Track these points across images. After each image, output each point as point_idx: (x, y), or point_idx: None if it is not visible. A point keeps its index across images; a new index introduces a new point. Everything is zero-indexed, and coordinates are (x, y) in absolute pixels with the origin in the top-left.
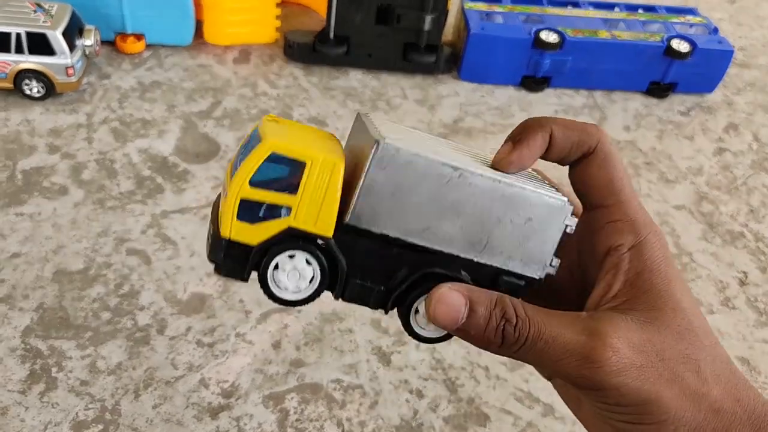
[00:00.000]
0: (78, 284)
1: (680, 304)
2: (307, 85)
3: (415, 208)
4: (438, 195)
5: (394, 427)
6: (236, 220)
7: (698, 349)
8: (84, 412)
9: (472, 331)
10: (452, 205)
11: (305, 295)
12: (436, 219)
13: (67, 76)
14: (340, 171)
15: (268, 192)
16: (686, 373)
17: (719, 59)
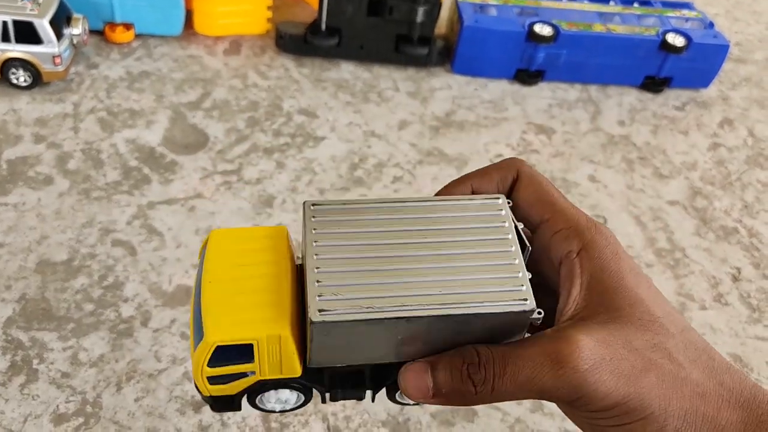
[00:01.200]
0: (61, 275)
1: (637, 297)
2: (299, 77)
3: (370, 347)
4: (390, 335)
5: (381, 422)
6: (210, 386)
7: (666, 338)
8: (65, 405)
9: (444, 389)
10: (408, 337)
11: (294, 406)
12: (397, 347)
13: (54, 65)
14: (288, 339)
15: (228, 366)
16: (660, 360)
17: (715, 54)
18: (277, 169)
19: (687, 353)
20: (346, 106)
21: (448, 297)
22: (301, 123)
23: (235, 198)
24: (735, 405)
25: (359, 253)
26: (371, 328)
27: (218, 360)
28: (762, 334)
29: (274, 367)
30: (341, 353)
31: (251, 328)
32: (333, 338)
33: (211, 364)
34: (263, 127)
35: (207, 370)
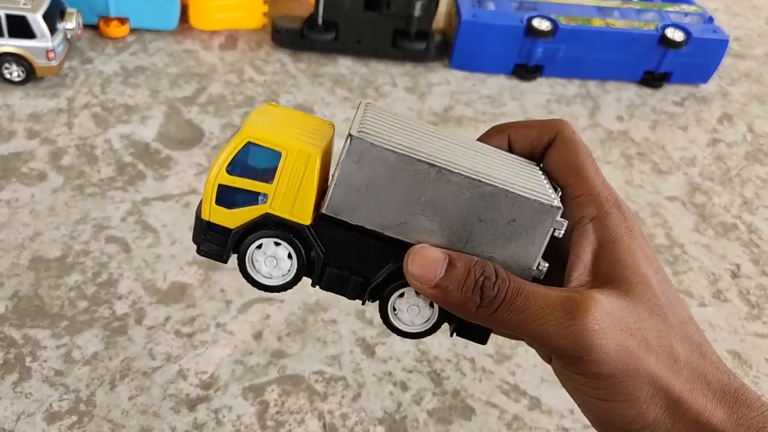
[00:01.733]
0: (55, 272)
1: (647, 279)
2: (295, 72)
3: (391, 203)
4: (414, 191)
5: (377, 420)
6: (215, 205)
7: (668, 327)
8: (58, 403)
9: (450, 286)
10: (430, 201)
11: (283, 281)
12: (414, 214)
13: (47, 59)
14: (315, 162)
15: (245, 180)
16: (660, 348)
17: (714, 49)
18: None
19: (683, 347)
20: (344, 102)
21: (481, 173)
22: None
23: None
24: (720, 404)
25: (403, 129)
26: (400, 172)
27: (240, 168)
28: (761, 330)
29: (287, 201)
30: (360, 204)
31: (287, 138)
32: (360, 171)
33: (231, 169)
34: None
35: (224, 176)
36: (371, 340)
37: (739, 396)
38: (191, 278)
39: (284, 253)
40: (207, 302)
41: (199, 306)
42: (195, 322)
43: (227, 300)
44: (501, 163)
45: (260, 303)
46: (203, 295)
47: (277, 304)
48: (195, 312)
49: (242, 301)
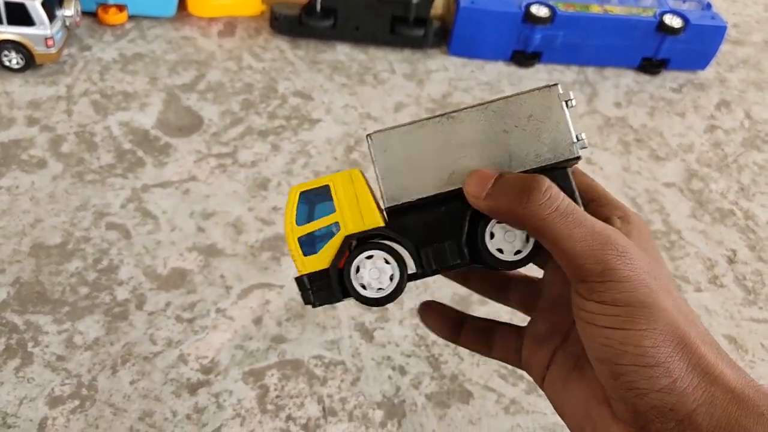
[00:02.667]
0: (55, 258)
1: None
2: (294, 59)
3: (431, 165)
4: (442, 144)
5: (376, 403)
6: (304, 257)
7: (680, 297)
8: (60, 388)
9: (501, 188)
10: (459, 144)
11: (395, 284)
12: (454, 162)
13: (46, 47)
14: (358, 173)
15: (314, 222)
16: (676, 300)
17: (712, 35)
18: (272, 152)
19: (691, 314)
20: (342, 89)
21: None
22: (297, 105)
23: (230, 181)
24: (728, 366)
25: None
26: (420, 136)
27: (306, 216)
28: (757, 316)
29: (356, 217)
30: (409, 181)
31: (325, 176)
32: (392, 156)
33: (299, 220)
34: (258, 110)
35: (297, 229)
36: (370, 325)
37: (739, 367)
38: (191, 264)
39: (381, 261)
40: (207, 288)
41: (199, 292)
42: (195, 307)
43: (227, 286)
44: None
45: (260, 289)
46: (203, 281)
47: (276, 289)
48: (195, 297)
49: (242, 286)
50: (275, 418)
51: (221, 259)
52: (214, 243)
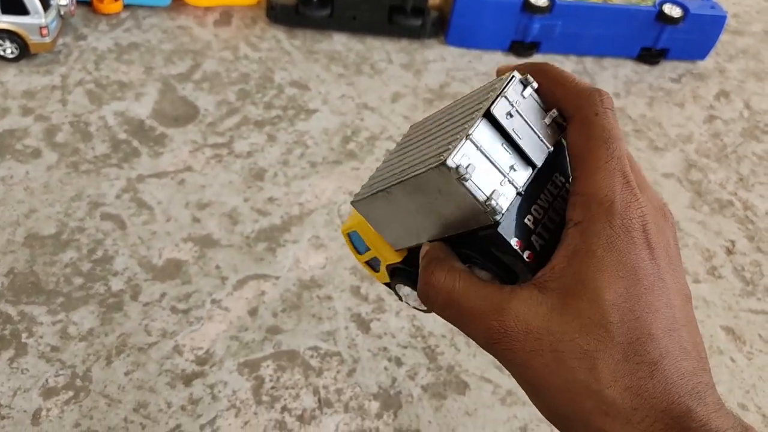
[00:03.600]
0: (50, 249)
1: (602, 296)
2: (290, 49)
3: (401, 224)
4: (397, 212)
5: (372, 395)
6: (375, 274)
7: (603, 347)
8: (54, 379)
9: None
10: (407, 211)
11: (417, 303)
12: (414, 223)
13: (41, 36)
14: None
15: (364, 255)
16: (578, 369)
17: (712, 25)
18: (268, 142)
19: (616, 368)
20: (339, 79)
21: (407, 167)
22: (293, 95)
23: (226, 171)
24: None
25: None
26: (380, 204)
27: (358, 248)
28: (755, 307)
29: (383, 253)
30: (396, 232)
31: (354, 217)
32: (375, 216)
33: (357, 251)
34: (254, 100)
35: (358, 257)
36: (366, 316)
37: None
38: (186, 255)
39: (408, 289)
40: (202, 279)
41: (194, 282)
42: (190, 298)
43: (222, 276)
44: (438, 131)
45: (255, 280)
46: (198, 272)
47: (272, 280)
48: (190, 288)
49: (237, 277)
50: (270, 409)
51: (216, 249)
52: (210, 233)
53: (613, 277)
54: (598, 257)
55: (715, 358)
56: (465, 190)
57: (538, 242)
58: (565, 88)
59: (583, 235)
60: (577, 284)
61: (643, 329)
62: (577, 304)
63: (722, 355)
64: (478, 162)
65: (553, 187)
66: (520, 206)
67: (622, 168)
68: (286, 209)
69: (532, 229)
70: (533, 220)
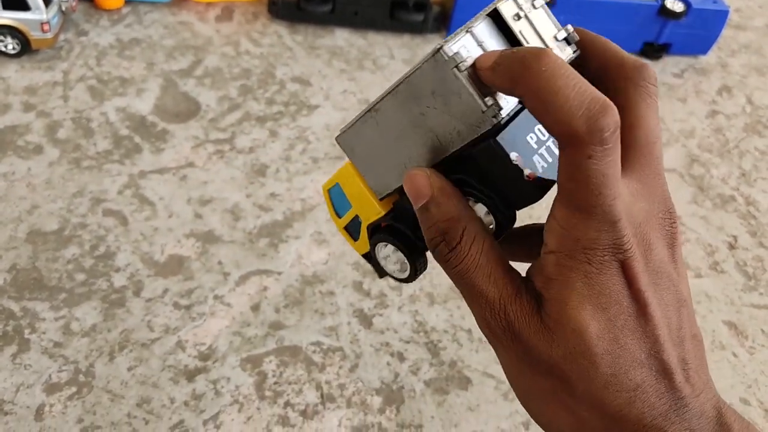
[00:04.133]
0: (52, 245)
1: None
2: (292, 44)
3: (388, 159)
4: (383, 138)
5: (375, 390)
6: (353, 243)
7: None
8: (57, 374)
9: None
10: (394, 135)
11: (409, 268)
12: (401, 154)
13: (42, 32)
14: (350, 168)
15: (344, 217)
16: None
17: (714, 20)
18: (270, 138)
19: (598, 394)
20: (341, 74)
21: (395, 83)
22: (295, 91)
23: (228, 167)
24: None
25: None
26: (367, 133)
27: (338, 208)
28: (757, 302)
29: (366, 209)
30: (382, 173)
31: (337, 176)
32: (359, 154)
33: (336, 213)
34: (256, 96)
35: (338, 221)
36: (368, 312)
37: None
38: (189, 251)
39: (390, 247)
40: (205, 274)
41: (196, 278)
42: (193, 294)
43: (225, 272)
44: None
45: (258, 275)
46: (201, 268)
47: (274, 276)
48: (193, 284)
49: (240, 273)
50: (273, 404)
51: (219, 245)
52: (212, 229)
53: (595, 309)
54: (577, 290)
55: (717, 353)
56: (462, 83)
57: (540, 164)
58: (553, 113)
59: (558, 267)
60: (559, 313)
61: (627, 357)
62: (562, 331)
63: (724, 350)
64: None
65: None
66: (524, 121)
67: (611, 210)
68: (288, 205)
69: (534, 149)
70: (536, 140)
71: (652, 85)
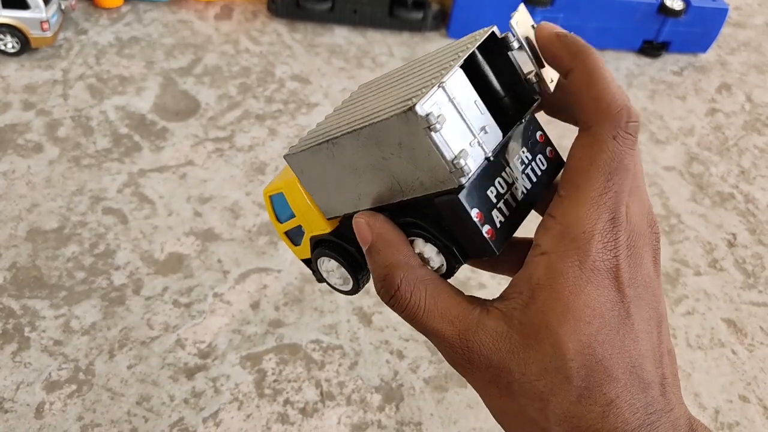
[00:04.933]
0: (52, 243)
1: (565, 343)
2: (291, 42)
3: (340, 187)
4: (339, 169)
5: (374, 387)
6: (294, 247)
7: (559, 390)
8: (57, 372)
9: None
10: (351, 168)
11: (351, 282)
12: (357, 185)
13: (41, 30)
14: (296, 183)
15: (287, 223)
16: (529, 406)
17: (713, 18)
18: (269, 136)
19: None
20: (340, 72)
21: (359, 118)
22: (294, 89)
23: (227, 165)
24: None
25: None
26: (319, 160)
27: (280, 215)
28: (756, 299)
29: (310, 222)
30: (332, 197)
31: (283, 178)
32: (310, 176)
33: (279, 219)
34: (255, 94)
35: (278, 226)
36: (368, 310)
37: None
38: (188, 249)
39: (332, 262)
40: (204, 272)
41: (196, 276)
42: (192, 292)
43: (224, 270)
44: (399, 82)
45: (257, 273)
46: (200, 266)
47: (274, 274)
48: (192, 282)
49: (239, 271)
50: (273, 402)
51: (218, 243)
52: (212, 228)
53: (577, 323)
54: (563, 301)
55: (716, 351)
56: (431, 144)
57: (499, 219)
58: (596, 89)
59: (548, 270)
60: (540, 326)
61: (603, 371)
62: (540, 347)
63: (723, 347)
64: (449, 114)
65: (519, 162)
66: (485, 175)
67: (614, 205)
68: None
69: (494, 203)
70: (496, 194)
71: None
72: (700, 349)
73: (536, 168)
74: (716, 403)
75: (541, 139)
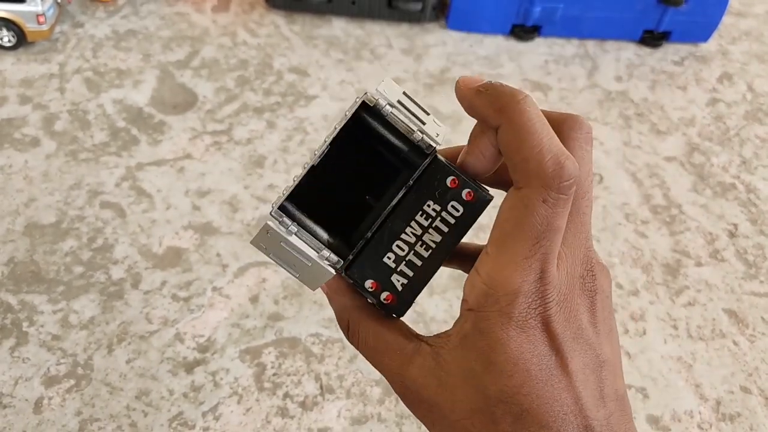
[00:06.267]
0: (50, 238)
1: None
2: (289, 34)
3: None
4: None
5: (374, 381)
6: None
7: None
8: (56, 367)
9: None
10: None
11: None
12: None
13: (38, 24)
14: None
15: None
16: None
17: (715, 7)
18: (267, 129)
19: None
20: (338, 64)
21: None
22: (292, 82)
23: (226, 158)
24: None
25: None
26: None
27: None
28: (758, 290)
29: None
30: None
31: None
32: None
33: None
34: (253, 86)
35: None
36: None
37: None
38: (187, 243)
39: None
40: (203, 266)
41: (195, 270)
42: (191, 286)
43: (223, 264)
44: None
45: (256, 267)
46: (199, 260)
47: (272, 267)
48: (191, 276)
49: (238, 264)
50: (272, 395)
51: (217, 237)
52: (210, 221)
53: (500, 375)
54: (486, 356)
55: (717, 342)
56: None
57: (401, 282)
58: (525, 148)
59: (474, 327)
60: (466, 369)
61: (532, 419)
62: (466, 389)
63: (725, 338)
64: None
65: (424, 217)
66: (379, 243)
67: (541, 266)
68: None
69: (392, 268)
70: (395, 258)
71: (587, 133)
72: (702, 340)
73: (448, 217)
74: (717, 394)
75: (454, 184)
